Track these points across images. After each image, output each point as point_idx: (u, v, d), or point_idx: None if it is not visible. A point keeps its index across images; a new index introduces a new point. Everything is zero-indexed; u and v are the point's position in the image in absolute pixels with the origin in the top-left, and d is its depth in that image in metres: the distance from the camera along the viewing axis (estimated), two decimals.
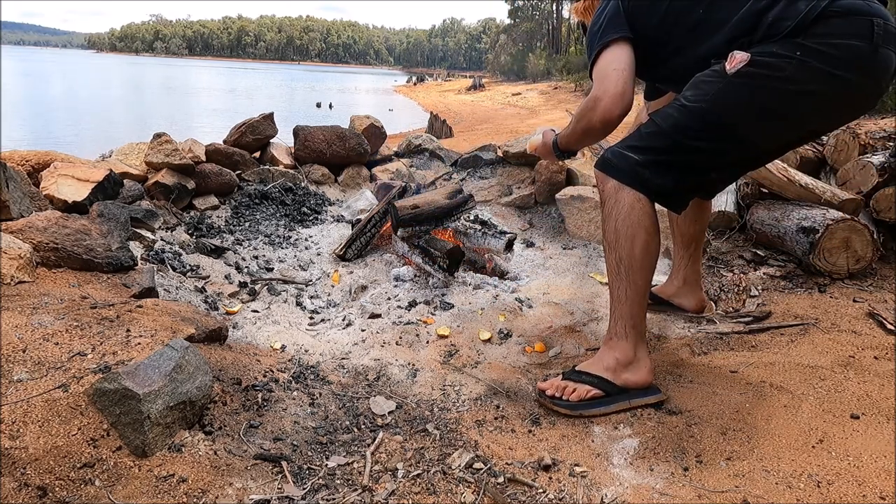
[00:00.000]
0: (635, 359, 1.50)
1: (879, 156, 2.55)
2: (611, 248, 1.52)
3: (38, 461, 1.06)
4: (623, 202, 1.49)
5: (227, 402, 1.38)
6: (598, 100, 1.51)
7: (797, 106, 1.42)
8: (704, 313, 2.04)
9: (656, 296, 2.06)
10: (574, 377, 1.50)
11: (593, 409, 1.46)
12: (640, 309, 1.51)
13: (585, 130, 1.62)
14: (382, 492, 1.15)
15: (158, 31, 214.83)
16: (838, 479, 1.17)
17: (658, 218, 1.52)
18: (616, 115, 1.51)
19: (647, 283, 1.52)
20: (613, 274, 1.53)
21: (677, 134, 1.48)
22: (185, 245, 2.53)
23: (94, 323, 1.45)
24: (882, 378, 1.55)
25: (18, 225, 1.94)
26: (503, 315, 2.11)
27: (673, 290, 2.04)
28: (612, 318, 1.55)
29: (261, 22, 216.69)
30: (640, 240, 1.48)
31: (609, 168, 1.54)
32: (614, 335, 1.53)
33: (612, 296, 1.55)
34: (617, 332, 1.52)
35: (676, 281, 2.03)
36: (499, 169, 3.46)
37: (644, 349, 1.52)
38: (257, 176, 3.21)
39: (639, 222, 1.48)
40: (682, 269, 2.01)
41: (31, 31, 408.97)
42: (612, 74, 1.52)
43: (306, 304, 2.26)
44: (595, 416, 1.45)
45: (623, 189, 1.50)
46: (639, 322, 1.52)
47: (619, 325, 1.52)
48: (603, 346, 1.56)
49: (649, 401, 1.47)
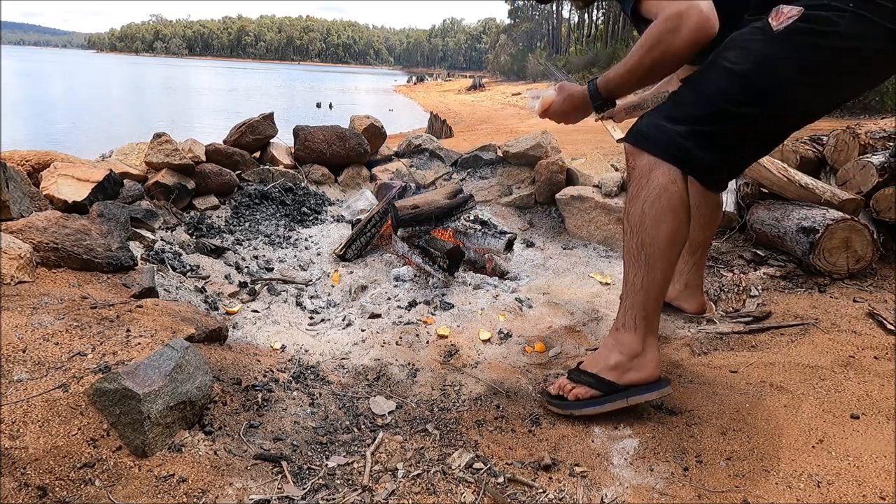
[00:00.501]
0: (642, 352, 1.40)
1: (879, 156, 2.55)
2: (633, 232, 1.38)
3: (38, 461, 1.06)
4: (655, 182, 1.34)
5: (227, 402, 1.38)
6: (685, 14, 1.24)
7: (852, 64, 1.29)
8: (705, 314, 2.02)
9: None
10: (575, 376, 1.46)
11: (584, 408, 1.41)
12: (654, 302, 1.39)
13: (659, 60, 1.32)
14: (382, 492, 1.15)
15: (158, 31, 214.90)
16: (838, 479, 1.17)
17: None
18: (712, 31, 1.25)
19: (666, 275, 1.39)
20: (632, 259, 1.39)
21: (723, 101, 1.32)
22: (185, 245, 2.53)
23: (94, 323, 1.45)
24: (882, 378, 1.55)
25: (18, 225, 1.94)
26: (503, 315, 2.11)
27: (674, 294, 1.96)
28: (622, 307, 1.43)
29: (261, 22, 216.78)
30: (668, 226, 1.34)
31: (644, 141, 1.37)
32: (622, 326, 1.42)
33: (625, 282, 1.43)
34: (626, 322, 1.41)
35: (678, 285, 1.96)
36: (499, 169, 3.46)
37: (653, 342, 1.42)
38: (257, 176, 3.21)
39: (669, 206, 1.33)
40: (686, 274, 1.94)
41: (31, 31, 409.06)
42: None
43: (306, 304, 2.26)
44: (587, 415, 1.41)
45: (659, 167, 1.34)
46: (651, 314, 1.40)
47: (628, 316, 1.41)
48: (608, 338, 1.47)
49: (650, 398, 1.38)
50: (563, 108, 1.54)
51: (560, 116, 1.57)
